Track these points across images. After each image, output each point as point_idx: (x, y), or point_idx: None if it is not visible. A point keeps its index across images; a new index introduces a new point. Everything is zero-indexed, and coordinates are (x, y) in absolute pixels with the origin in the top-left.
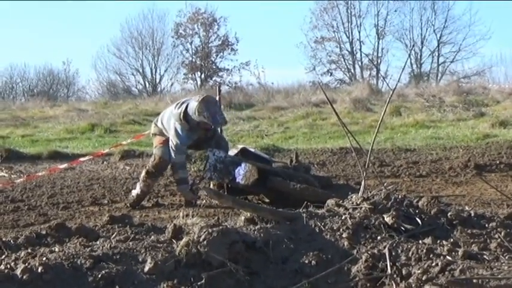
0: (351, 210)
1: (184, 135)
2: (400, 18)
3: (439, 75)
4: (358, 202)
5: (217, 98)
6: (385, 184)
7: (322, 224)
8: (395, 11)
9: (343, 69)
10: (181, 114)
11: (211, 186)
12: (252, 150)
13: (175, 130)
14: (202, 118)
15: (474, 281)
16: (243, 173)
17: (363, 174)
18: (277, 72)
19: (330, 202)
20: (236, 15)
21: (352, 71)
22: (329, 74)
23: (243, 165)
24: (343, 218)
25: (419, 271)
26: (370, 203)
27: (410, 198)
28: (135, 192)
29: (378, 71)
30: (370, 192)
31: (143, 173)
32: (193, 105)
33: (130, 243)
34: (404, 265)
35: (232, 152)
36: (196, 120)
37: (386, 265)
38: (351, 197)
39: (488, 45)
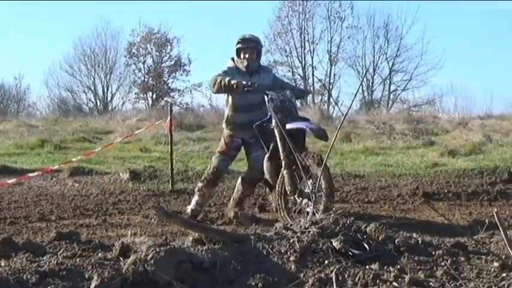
0: (299, 234)
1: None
2: (353, 45)
3: (390, 103)
4: (306, 226)
5: (168, 119)
6: (333, 209)
7: (270, 246)
8: (349, 37)
9: None
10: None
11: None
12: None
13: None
14: (237, 41)
15: None
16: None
17: (312, 198)
18: None
19: (278, 225)
20: (189, 36)
21: None
22: None
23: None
24: (291, 241)
25: None
26: (319, 227)
27: (359, 224)
28: (190, 207)
29: (330, 96)
30: (319, 216)
31: (199, 183)
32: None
33: (77, 259)
34: None
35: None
36: (235, 49)
37: None
38: (299, 221)
39: (439, 75)
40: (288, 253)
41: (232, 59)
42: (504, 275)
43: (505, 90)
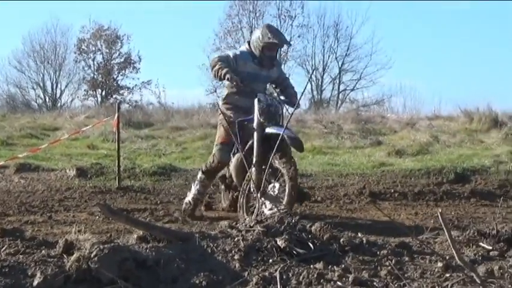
0: (243, 233)
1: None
2: (303, 44)
3: (339, 103)
4: (251, 225)
5: (115, 116)
6: (279, 208)
7: (215, 245)
8: (299, 36)
9: None
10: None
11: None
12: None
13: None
14: (267, 39)
15: None
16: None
17: (257, 197)
18: (178, 92)
19: (223, 224)
20: (139, 34)
21: None
22: None
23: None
24: (235, 240)
25: None
26: (263, 226)
27: (304, 223)
28: (188, 198)
29: (279, 95)
30: (264, 215)
31: (200, 174)
32: (256, 34)
33: (20, 256)
34: None
35: None
36: (261, 45)
37: None
38: (244, 220)
39: (388, 75)
40: (233, 252)
41: (249, 43)
42: (448, 275)
43: (453, 91)
